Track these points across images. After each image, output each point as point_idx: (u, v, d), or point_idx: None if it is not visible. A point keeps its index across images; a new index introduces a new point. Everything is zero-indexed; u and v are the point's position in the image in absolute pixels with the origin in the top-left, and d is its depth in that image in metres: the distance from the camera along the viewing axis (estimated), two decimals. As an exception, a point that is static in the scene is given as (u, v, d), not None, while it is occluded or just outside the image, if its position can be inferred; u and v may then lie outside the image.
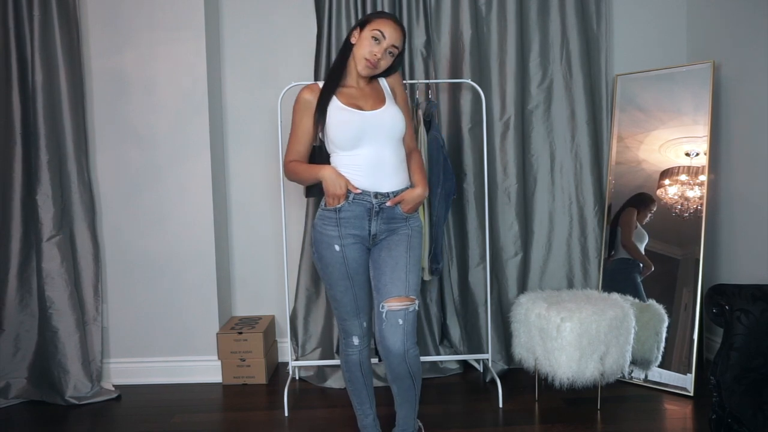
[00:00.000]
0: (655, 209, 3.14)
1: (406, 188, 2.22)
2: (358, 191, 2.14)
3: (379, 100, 2.22)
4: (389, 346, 2.10)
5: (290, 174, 2.26)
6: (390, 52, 2.17)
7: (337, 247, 2.17)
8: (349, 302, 2.23)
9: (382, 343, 2.13)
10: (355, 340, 2.28)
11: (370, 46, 2.14)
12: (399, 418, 2.31)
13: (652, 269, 3.12)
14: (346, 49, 2.24)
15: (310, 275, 3.30)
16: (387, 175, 2.17)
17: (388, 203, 2.17)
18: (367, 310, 2.29)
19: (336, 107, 2.17)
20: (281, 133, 2.95)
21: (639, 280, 3.16)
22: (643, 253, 3.15)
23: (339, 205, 2.14)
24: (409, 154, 2.31)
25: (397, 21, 2.19)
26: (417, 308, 2.16)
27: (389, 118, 2.18)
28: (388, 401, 2.79)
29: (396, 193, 2.19)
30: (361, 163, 2.15)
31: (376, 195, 2.15)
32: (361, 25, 2.19)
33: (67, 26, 3.01)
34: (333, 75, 2.24)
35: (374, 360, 2.97)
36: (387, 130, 2.17)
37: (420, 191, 2.22)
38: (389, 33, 2.14)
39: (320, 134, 2.23)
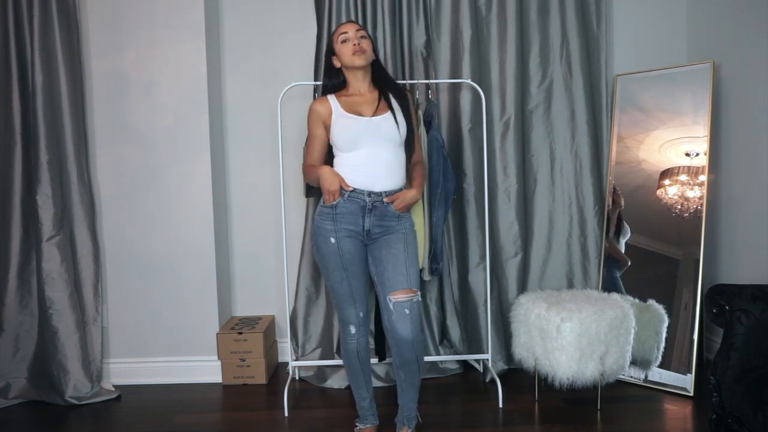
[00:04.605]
0: (618, 200, 3.27)
1: (400, 189, 2.41)
2: (350, 188, 2.33)
3: (383, 108, 2.42)
4: (400, 335, 2.30)
5: (305, 175, 2.57)
6: (362, 36, 2.43)
7: (332, 240, 2.36)
8: (345, 291, 2.42)
9: (392, 332, 2.31)
10: (352, 329, 2.46)
11: (346, 47, 2.41)
12: (403, 404, 2.47)
13: (629, 264, 3.21)
14: (333, 70, 2.50)
15: (310, 275, 3.29)
16: (381, 175, 2.36)
17: (385, 200, 2.36)
18: (364, 301, 2.46)
19: (339, 113, 2.41)
20: (281, 133, 2.96)
21: (618, 275, 3.24)
22: (623, 248, 3.24)
23: (335, 202, 2.34)
24: (415, 165, 2.53)
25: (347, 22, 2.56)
26: (420, 300, 2.38)
27: (387, 124, 2.38)
28: (387, 401, 2.80)
29: (389, 193, 2.37)
30: (358, 164, 2.35)
31: (370, 194, 2.34)
32: (331, 50, 2.48)
33: (67, 26, 3.00)
34: (334, 88, 2.52)
35: (374, 360, 2.97)
36: (383, 135, 2.37)
37: (414, 193, 2.41)
38: (348, 27, 2.44)
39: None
